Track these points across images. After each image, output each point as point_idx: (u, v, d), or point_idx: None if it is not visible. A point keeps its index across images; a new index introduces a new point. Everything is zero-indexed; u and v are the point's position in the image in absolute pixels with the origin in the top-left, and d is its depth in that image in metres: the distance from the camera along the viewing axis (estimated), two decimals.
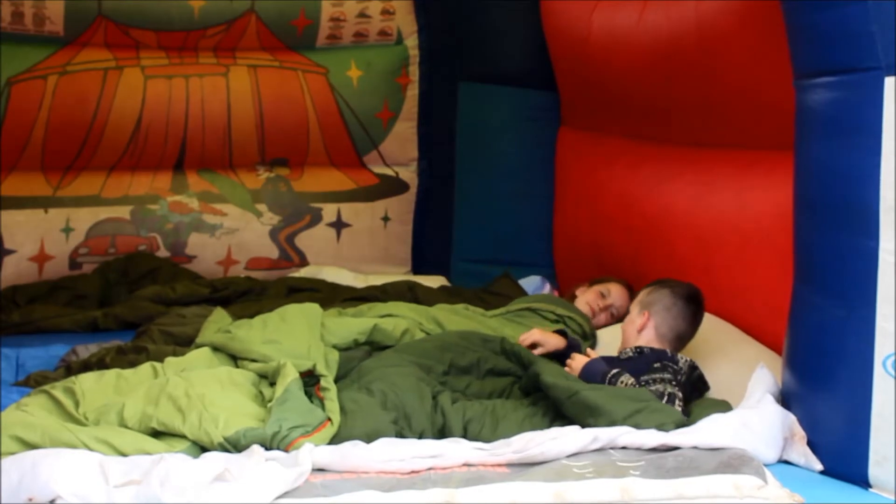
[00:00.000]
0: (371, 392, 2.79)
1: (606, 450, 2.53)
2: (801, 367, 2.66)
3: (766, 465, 2.48)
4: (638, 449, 2.55)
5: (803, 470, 2.56)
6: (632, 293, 3.89)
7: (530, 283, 4.56)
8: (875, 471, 2.42)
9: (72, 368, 3.29)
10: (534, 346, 3.28)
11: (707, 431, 2.57)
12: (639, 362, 3.04)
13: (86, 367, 3.23)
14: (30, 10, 4.50)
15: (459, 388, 2.97)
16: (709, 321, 3.41)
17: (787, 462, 2.60)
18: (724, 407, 2.82)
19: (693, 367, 3.06)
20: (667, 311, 3.18)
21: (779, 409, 2.67)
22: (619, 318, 3.87)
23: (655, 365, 2.98)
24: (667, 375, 2.92)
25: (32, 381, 3.24)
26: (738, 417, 2.63)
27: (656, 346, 3.13)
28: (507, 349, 3.15)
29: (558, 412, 2.79)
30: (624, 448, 2.56)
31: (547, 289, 4.45)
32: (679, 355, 3.08)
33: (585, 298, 3.92)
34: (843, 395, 2.48)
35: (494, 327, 3.59)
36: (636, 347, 3.13)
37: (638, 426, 2.62)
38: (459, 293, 4.35)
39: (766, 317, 3.22)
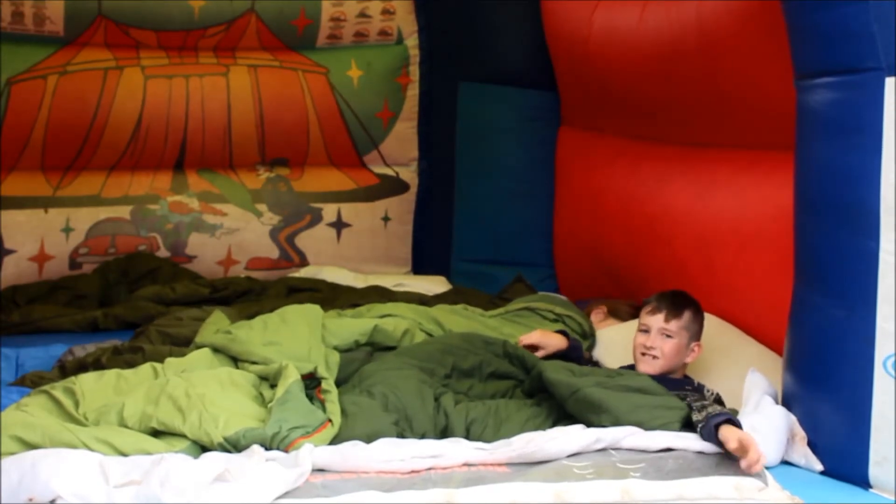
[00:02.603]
0: (372, 395, 2.78)
1: (607, 450, 2.53)
2: (802, 368, 2.65)
3: (767, 467, 2.48)
4: (642, 451, 2.54)
5: (804, 470, 2.56)
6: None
7: None
8: (875, 471, 2.43)
9: (66, 368, 3.29)
10: (534, 348, 3.27)
11: None
12: (672, 384, 2.99)
13: (82, 366, 3.23)
14: (30, 10, 4.50)
15: (461, 390, 2.96)
16: (709, 321, 3.40)
17: (787, 463, 2.60)
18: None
19: (718, 400, 3.02)
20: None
21: (781, 411, 2.66)
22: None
23: (687, 387, 2.96)
24: (693, 395, 2.89)
25: (28, 382, 3.23)
26: (744, 423, 2.61)
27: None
28: (510, 352, 3.14)
29: (562, 413, 2.78)
30: (627, 449, 2.55)
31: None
32: (706, 389, 3.04)
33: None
34: (843, 395, 2.48)
35: (494, 327, 3.59)
36: (677, 378, 3.08)
37: (642, 424, 2.61)
38: (470, 296, 4.28)
39: (766, 317, 3.22)
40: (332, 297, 4.20)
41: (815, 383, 2.59)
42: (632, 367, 3.16)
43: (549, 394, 2.84)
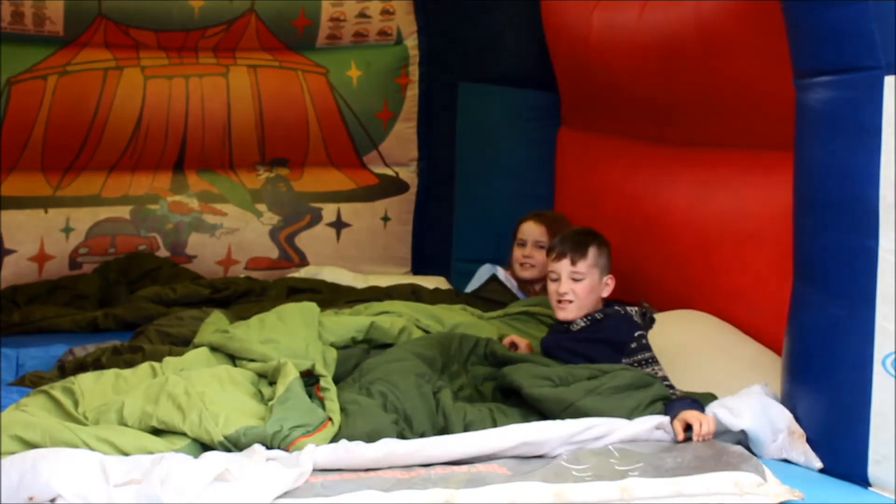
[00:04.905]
0: (371, 394, 2.77)
1: (606, 450, 2.53)
2: (801, 366, 2.66)
3: (762, 461, 2.49)
4: (639, 451, 2.55)
5: (803, 468, 2.56)
6: (549, 224, 4.04)
7: (483, 272, 4.55)
8: (874, 470, 2.43)
9: (65, 368, 3.29)
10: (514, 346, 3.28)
11: None
12: (607, 330, 3.05)
13: (81, 366, 3.23)
14: (30, 10, 4.51)
15: (453, 390, 2.95)
16: (709, 321, 3.41)
17: (786, 461, 2.60)
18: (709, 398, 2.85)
19: (643, 314, 3.12)
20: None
21: (759, 390, 2.71)
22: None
23: (632, 345, 2.98)
24: (648, 354, 2.96)
25: (28, 381, 3.23)
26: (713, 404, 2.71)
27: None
28: (488, 352, 3.13)
29: None
30: (622, 447, 2.55)
31: (500, 272, 4.43)
32: (628, 309, 3.11)
33: (514, 257, 4.12)
34: (842, 393, 2.48)
35: (491, 330, 3.58)
36: (599, 311, 3.14)
37: None
38: (455, 297, 4.31)
39: (766, 317, 3.22)
40: (333, 299, 4.19)
41: (814, 382, 2.59)
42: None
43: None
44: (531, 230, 4.12)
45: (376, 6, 5.01)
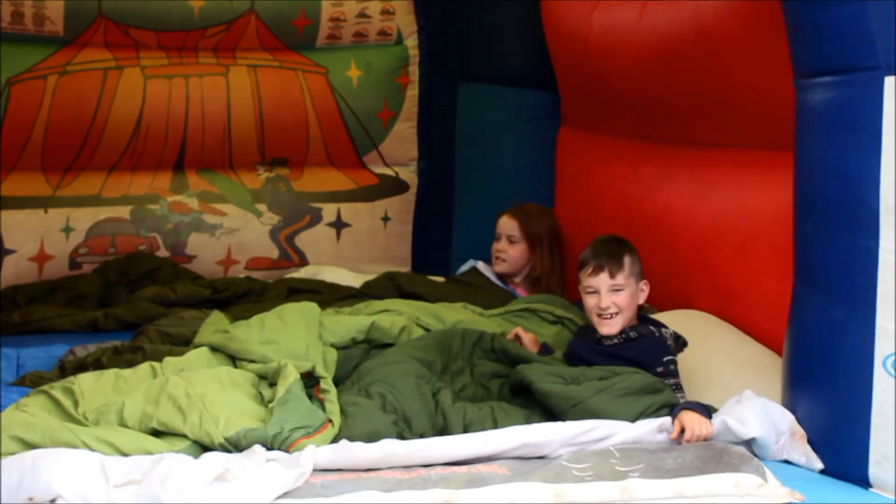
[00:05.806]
0: (370, 395, 2.77)
1: (606, 452, 2.53)
2: (802, 367, 2.66)
3: (764, 462, 2.49)
4: (641, 450, 2.55)
5: (803, 469, 2.56)
6: (521, 219, 4.20)
7: (466, 266, 4.58)
8: (875, 470, 2.43)
9: (66, 368, 3.29)
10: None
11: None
12: (636, 350, 3.01)
13: (81, 366, 3.23)
14: (30, 10, 4.51)
15: (454, 391, 2.95)
16: (709, 321, 3.41)
17: (787, 461, 2.60)
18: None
19: (677, 338, 3.07)
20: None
21: (752, 395, 2.70)
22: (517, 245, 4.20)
23: (659, 370, 2.96)
24: (673, 381, 2.93)
25: (28, 381, 3.23)
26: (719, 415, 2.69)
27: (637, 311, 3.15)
28: (497, 347, 3.14)
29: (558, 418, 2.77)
30: (623, 448, 2.56)
31: (480, 265, 4.45)
32: (664, 331, 3.05)
33: (492, 251, 4.24)
34: (843, 394, 2.48)
35: (493, 328, 3.58)
36: (634, 329, 3.09)
37: None
38: (436, 283, 4.37)
39: (766, 317, 3.22)
40: (333, 300, 4.19)
41: (814, 382, 2.59)
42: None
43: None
44: (504, 224, 4.22)
45: (376, 6, 5.01)
